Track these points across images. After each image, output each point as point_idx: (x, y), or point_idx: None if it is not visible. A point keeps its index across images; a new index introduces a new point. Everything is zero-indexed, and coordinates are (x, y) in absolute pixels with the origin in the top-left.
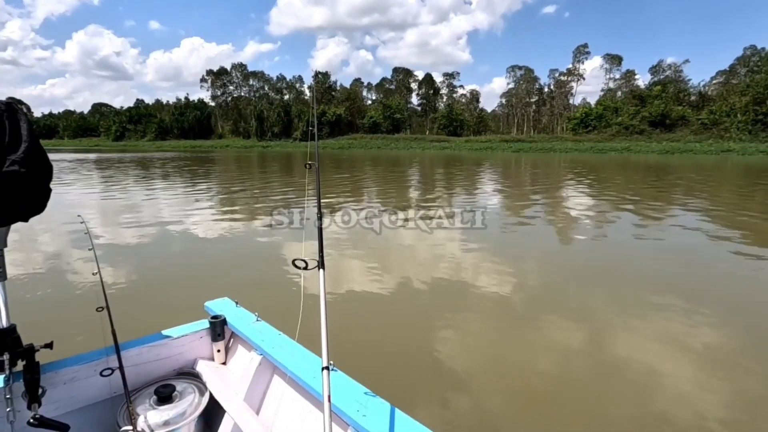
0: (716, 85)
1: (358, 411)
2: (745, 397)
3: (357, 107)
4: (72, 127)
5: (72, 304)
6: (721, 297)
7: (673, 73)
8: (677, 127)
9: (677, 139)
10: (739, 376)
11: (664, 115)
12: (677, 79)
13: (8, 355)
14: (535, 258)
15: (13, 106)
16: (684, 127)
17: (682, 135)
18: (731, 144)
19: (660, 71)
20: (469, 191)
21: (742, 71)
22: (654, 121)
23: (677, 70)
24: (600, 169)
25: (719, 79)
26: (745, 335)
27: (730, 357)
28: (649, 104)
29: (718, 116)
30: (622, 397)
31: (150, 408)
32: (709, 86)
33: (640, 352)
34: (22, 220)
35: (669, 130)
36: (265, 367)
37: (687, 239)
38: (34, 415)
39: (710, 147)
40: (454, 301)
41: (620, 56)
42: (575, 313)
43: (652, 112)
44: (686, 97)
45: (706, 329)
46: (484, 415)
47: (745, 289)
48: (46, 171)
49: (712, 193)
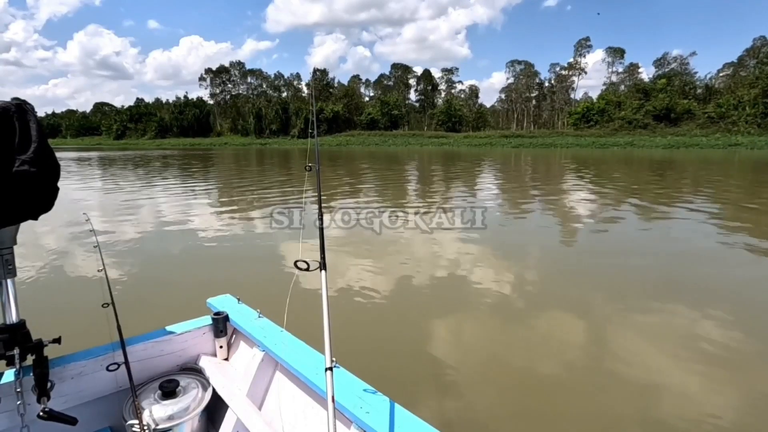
0: (724, 78)
1: (361, 408)
2: (755, 400)
3: (355, 104)
4: (74, 126)
5: (78, 300)
6: (730, 295)
7: (679, 65)
8: (683, 121)
9: (683, 134)
10: (749, 378)
11: (669, 108)
12: (683, 72)
13: (18, 349)
14: (535, 256)
15: (23, 106)
16: (690, 120)
17: (688, 129)
18: (739, 138)
19: (665, 64)
20: (468, 189)
21: (751, 63)
22: (658, 115)
23: (683, 62)
24: (601, 164)
25: (727, 71)
26: (755, 335)
27: (740, 357)
28: (654, 98)
29: (726, 109)
30: (624, 397)
31: (155, 402)
32: (716, 79)
33: (643, 352)
34: (31, 218)
35: (674, 124)
36: (268, 364)
37: (694, 236)
38: (44, 408)
39: (717, 141)
40: (453, 299)
41: (623, 49)
42: (577, 312)
43: (657, 105)
44: (692, 90)
45: (714, 329)
46: (484, 412)
47: (756, 287)
48: (54, 170)
49: (720, 187)
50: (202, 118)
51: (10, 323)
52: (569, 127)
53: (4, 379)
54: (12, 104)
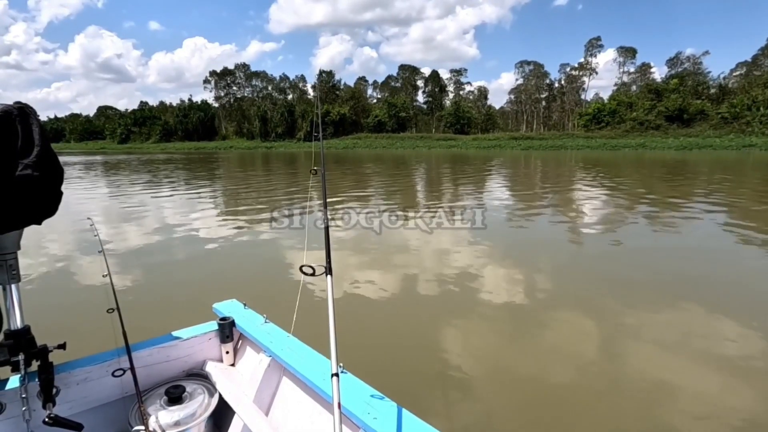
0: (737, 78)
1: (369, 413)
2: None
3: (361, 106)
4: (78, 130)
5: (83, 305)
6: (750, 299)
7: (692, 65)
8: (696, 122)
9: (695, 135)
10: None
11: (681, 109)
12: (696, 72)
13: (23, 355)
14: (545, 260)
15: (25, 110)
16: (703, 121)
17: (701, 130)
18: (753, 138)
19: (678, 64)
20: (477, 191)
21: (766, 62)
22: (671, 115)
23: (696, 62)
24: (613, 166)
25: (740, 70)
26: None
27: (764, 365)
28: (666, 98)
29: (740, 110)
30: (637, 406)
31: (161, 408)
32: (729, 79)
33: (657, 359)
34: (35, 223)
35: (687, 125)
36: (274, 369)
37: (710, 239)
38: (49, 414)
39: (731, 142)
40: (462, 303)
41: (635, 49)
42: (590, 315)
43: (669, 106)
44: (705, 90)
45: (734, 335)
46: (491, 419)
47: None
48: (58, 174)
49: (734, 189)
50: (206, 121)
51: (14, 329)
52: (579, 129)
53: (9, 385)
54: (14, 108)
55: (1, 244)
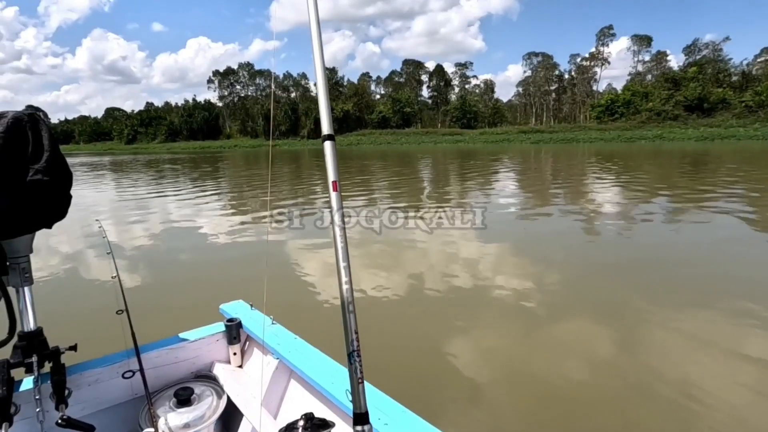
0: (762, 64)
1: (380, 419)
2: None
3: (365, 102)
4: (87, 131)
5: (93, 307)
6: None
7: (712, 52)
8: (717, 111)
9: (717, 125)
10: None
11: (701, 98)
12: (716, 59)
13: (36, 357)
14: (557, 259)
15: (35, 116)
16: (725, 110)
17: (723, 119)
18: None
19: (696, 51)
20: (485, 187)
21: None
22: (690, 105)
23: (716, 48)
24: (629, 159)
25: (765, 56)
26: None
27: None
28: (684, 87)
29: (765, 97)
30: (659, 413)
31: (170, 410)
32: (753, 65)
33: (680, 361)
34: (46, 226)
35: (707, 114)
36: (282, 371)
37: (734, 235)
38: (62, 415)
39: (756, 131)
40: (475, 305)
41: (650, 36)
42: (607, 316)
43: (688, 95)
44: (727, 78)
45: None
46: (504, 424)
47: None
48: (67, 178)
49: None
50: (211, 120)
51: (28, 330)
52: (592, 121)
53: (23, 386)
54: (24, 114)
55: (13, 248)
